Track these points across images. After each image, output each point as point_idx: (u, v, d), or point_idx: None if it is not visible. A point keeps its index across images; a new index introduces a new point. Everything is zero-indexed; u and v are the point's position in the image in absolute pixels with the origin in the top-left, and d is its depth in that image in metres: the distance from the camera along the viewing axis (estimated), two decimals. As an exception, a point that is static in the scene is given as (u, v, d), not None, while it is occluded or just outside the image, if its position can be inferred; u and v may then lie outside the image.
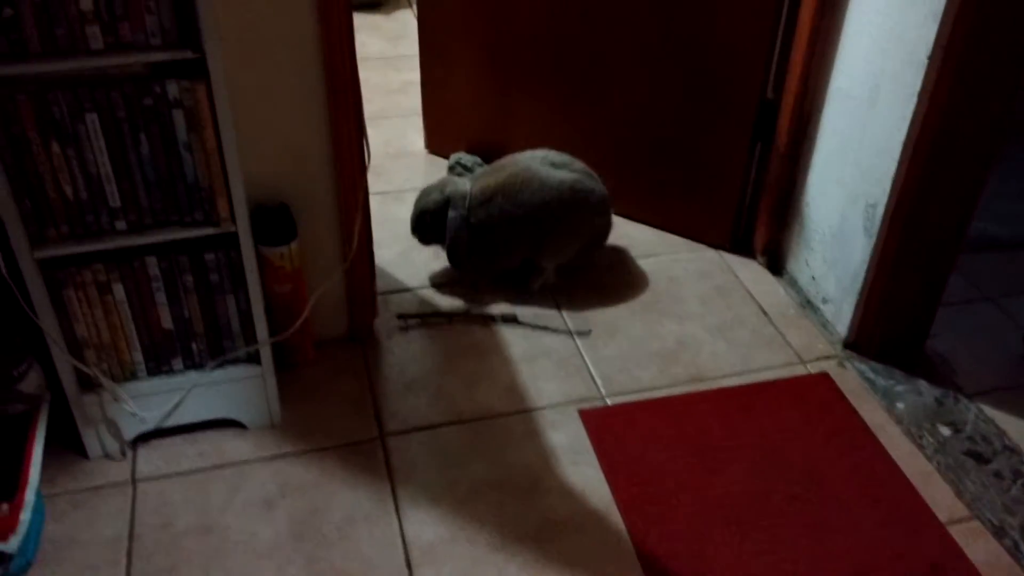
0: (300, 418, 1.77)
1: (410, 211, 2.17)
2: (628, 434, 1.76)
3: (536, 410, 1.82)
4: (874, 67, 1.80)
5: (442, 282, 2.18)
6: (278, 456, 1.69)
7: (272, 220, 1.70)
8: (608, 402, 1.84)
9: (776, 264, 2.25)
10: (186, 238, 1.49)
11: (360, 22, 3.20)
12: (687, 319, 2.08)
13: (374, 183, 2.31)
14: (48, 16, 1.25)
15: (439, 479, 1.66)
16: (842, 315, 2.00)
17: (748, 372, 1.93)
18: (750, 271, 2.25)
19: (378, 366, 1.92)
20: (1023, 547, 1.56)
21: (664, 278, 2.21)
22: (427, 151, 2.71)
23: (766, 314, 2.10)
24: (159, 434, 1.70)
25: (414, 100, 2.77)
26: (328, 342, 1.95)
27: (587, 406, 1.83)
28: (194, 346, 1.63)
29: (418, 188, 2.54)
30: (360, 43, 1.69)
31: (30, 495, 1.43)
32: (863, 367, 1.94)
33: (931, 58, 1.64)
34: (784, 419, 1.81)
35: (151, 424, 1.67)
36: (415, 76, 2.66)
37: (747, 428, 1.78)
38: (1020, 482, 1.68)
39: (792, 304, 2.14)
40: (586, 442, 1.74)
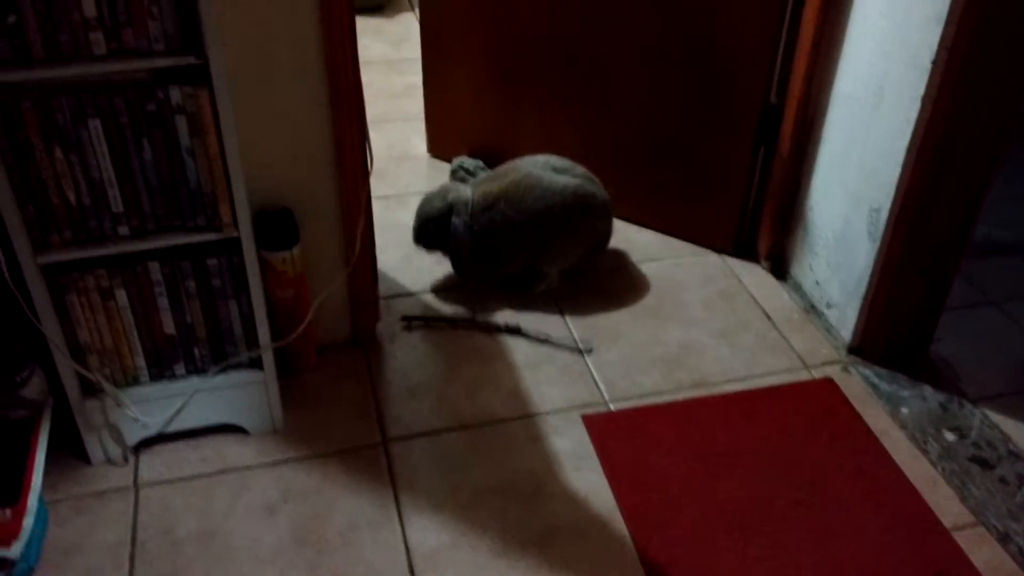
0: (302, 423, 1.77)
1: (412, 215, 2.16)
2: (631, 440, 1.76)
3: (539, 415, 1.81)
4: (878, 71, 1.80)
5: (445, 287, 2.18)
6: (280, 462, 1.69)
7: (275, 224, 1.70)
8: (611, 407, 1.84)
9: (780, 269, 2.24)
10: (188, 243, 1.49)
11: (363, 25, 3.19)
12: (690, 324, 2.07)
13: (376, 187, 2.30)
14: (52, 22, 1.25)
15: (442, 485, 1.66)
16: (846, 320, 2.00)
17: (752, 377, 1.93)
18: (754, 276, 2.24)
19: (381, 371, 1.91)
20: (1028, 553, 1.56)
21: (667, 283, 2.21)
22: (429, 155, 2.70)
23: (770, 319, 2.10)
24: (161, 439, 1.70)
25: (416, 104, 2.77)
26: (330, 347, 1.95)
27: (590, 411, 1.82)
28: (196, 351, 1.63)
29: (421, 192, 2.53)
30: (363, 46, 1.69)
31: (33, 501, 1.43)
32: (867, 372, 1.94)
33: (935, 62, 1.64)
34: (788, 424, 1.80)
35: (153, 429, 1.67)
36: (418, 79, 2.66)
37: (751, 433, 1.78)
38: (1025, 488, 1.68)
39: (796, 309, 2.13)
40: (589, 448, 1.74)
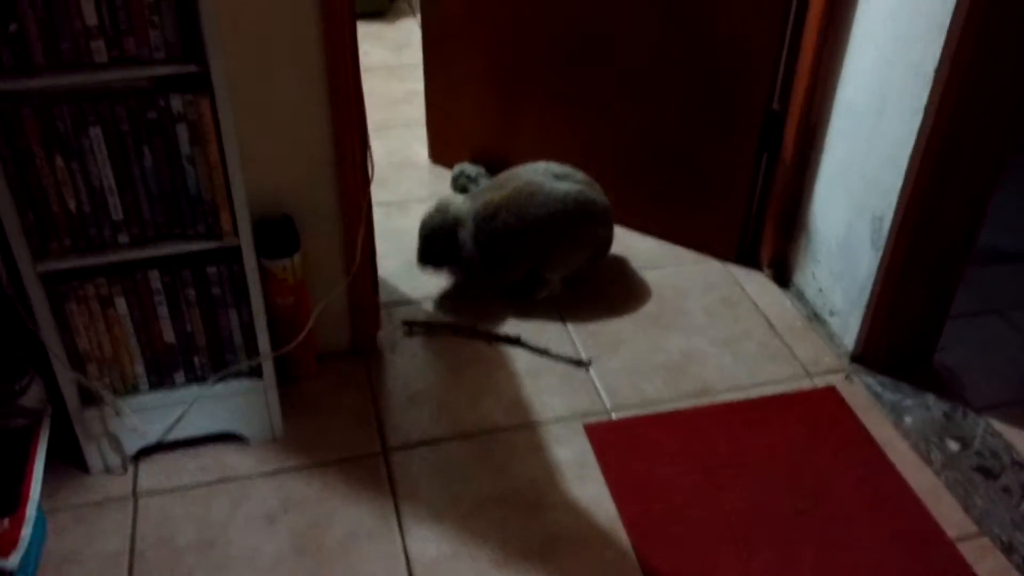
0: (302, 432, 1.76)
1: (413, 222, 2.15)
2: (634, 449, 1.75)
3: (541, 424, 1.80)
4: (881, 79, 1.79)
5: (446, 294, 2.17)
6: (280, 471, 1.68)
7: (275, 232, 1.70)
8: (613, 416, 1.83)
9: (783, 276, 2.24)
10: (189, 251, 1.49)
11: (364, 31, 3.19)
12: (693, 332, 2.07)
13: (377, 194, 2.29)
14: (53, 30, 1.25)
15: (442, 494, 1.65)
16: (849, 328, 1.99)
17: (754, 386, 1.92)
18: (756, 283, 2.23)
19: (381, 379, 1.91)
20: (1033, 565, 1.55)
21: (670, 290, 2.20)
22: (431, 161, 2.70)
23: (772, 327, 2.09)
24: (160, 448, 1.69)
25: (418, 110, 2.76)
26: (330, 355, 1.94)
27: (592, 420, 1.81)
28: (196, 360, 1.62)
29: (422, 199, 2.54)
30: (363, 52, 1.69)
31: (31, 510, 1.42)
32: (870, 380, 1.93)
33: (938, 70, 1.63)
34: (791, 434, 1.79)
35: (152, 438, 1.66)
36: (419, 86, 2.66)
37: (754, 443, 1.77)
38: (1029, 498, 1.67)
39: (799, 317, 2.12)
40: (591, 457, 1.73)
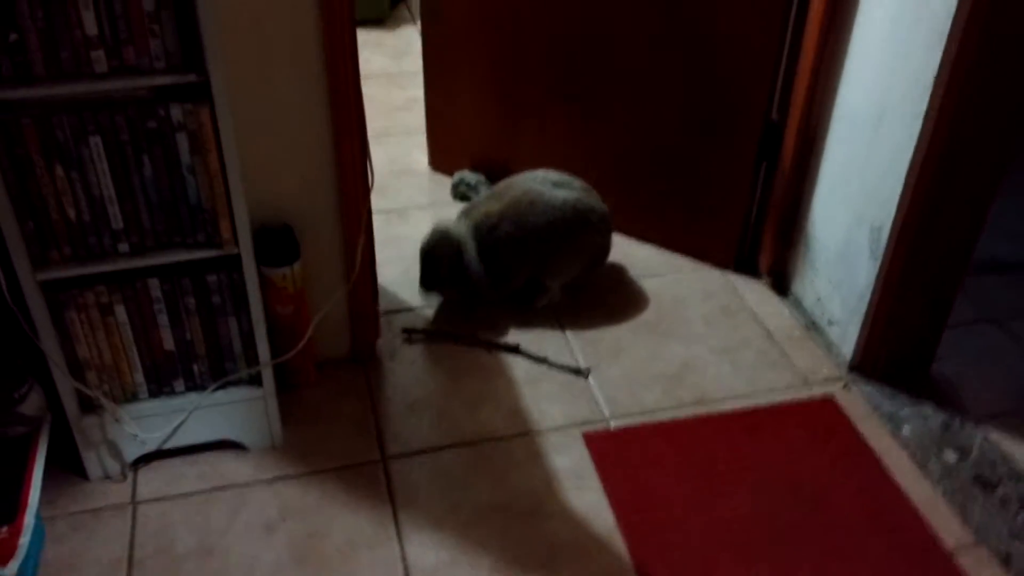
0: (301, 440, 1.76)
1: (414, 229, 2.15)
2: (632, 458, 1.75)
3: (539, 433, 1.80)
4: (880, 89, 1.80)
5: (445, 301, 2.17)
6: (279, 478, 1.68)
7: (275, 241, 1.70)
8: (612, 425, 1.83)
9: (781, 285, 2.24)
10: (188, 260, 1.49)
11: (363, 38, 3.20)
12: (692, 340, 2.07)
13: (377, 201, 2.29)
14: (53, 40, 1.25)
15: (441, 502, 1.65)
16: (847, 337, 1.99)
17: (753, 395, 1.92)
18: (755, 292, 2.24)
19: (380, 387, 1.91)
20: (1031, 575, 1.55)
21: (669, 298, 2.20)
22: (431, 169, 2.70)
23: (771, 335, 2.09)
24: (160, 455, 1.69)
25: (418, 117, 2.77)
26: (330, 363, 1.94)
27: (591, 429, 1.81)
28: (195, 368, 1.62)
29: (422, 206, 2.54)
30: (364, 59, 1.69)
31: (29, 518, 1.42)
32: (868, 390, 1.93)
33: (937, 79, 1.63)
34: (789, 443, 1.79)
35: (152, 446, 1.67)
36: (419, 93, 2.66)
37: (752, 452, 1.77)
38: (1028, 508, 1.67)
39: (797, 325, 2.12)
40: (590, 466, 1.73)
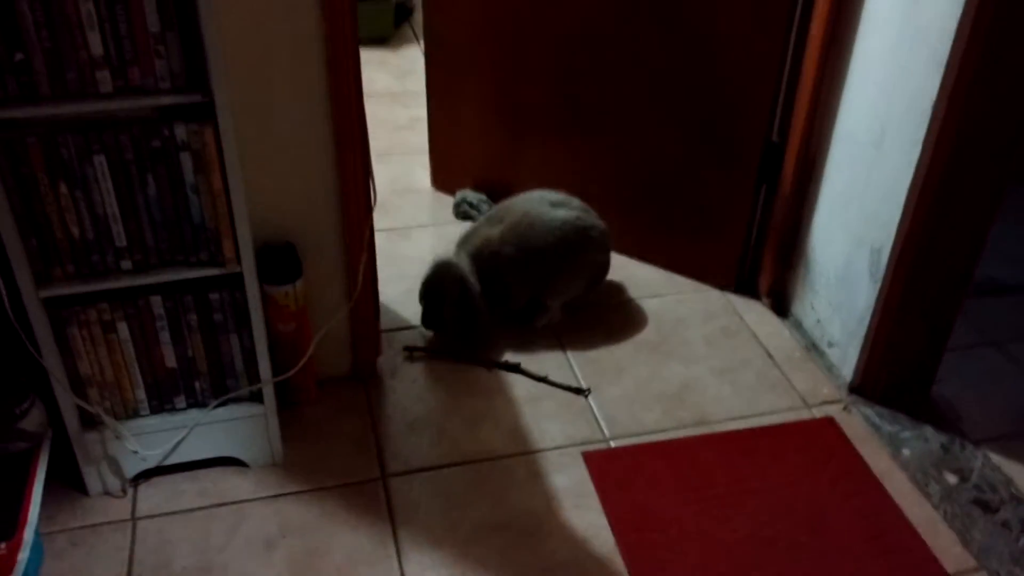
0: (302, 457, 1.76)
1: (416, 248, 2.15)
2: (632, 478, 1.75)
3: (539, 452, 1.80)
4: (879, 112, 1.81)
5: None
6: (279, 496, 1.68)
7: (277, 258, 1.71)
8: (612, 445, 1.83)
9: (781, 306, 2.24)
10: (191, 278, 1.50)
11: (367, 57, 3.22)
12: (692, 361, 2.07)
13: (379, 220, 2.31)
14: (59, 60, 1.26)
15: (440, 521, 1.65)
16: (847, 359, 1.99)
17: (753, 416, 1.92)
18: (755, 313, 2.24)
19: (381, 405, 1.91)
20: (1031, 600, 1.54)
21: (669, 319, 2.21)
22: (433, 188, 2.71)
23: (771, 357, 2.09)
24: (160, 472, 1.69)
25: (421, 137, 2.78)
26: (331, 380, 1.94)
27: (591, 448, 1.81)
28: (197, 385, 1.63)
29: (424, 225, 2.55)
30: (367, 79, 1.70)
31: (29, 534, 1.42)
32: (868, 412, 1.93)
33: (936, 105, 1.65)
34: (789, 464, 1.79)
35: (152, 462, 1.67)
36: (422, 112, 2.68)
37: (752, 473, 1.77)
38: (1028, 532, 1.66)
39: (797, 347, 2.13)
40: (589, 486, 1.73)
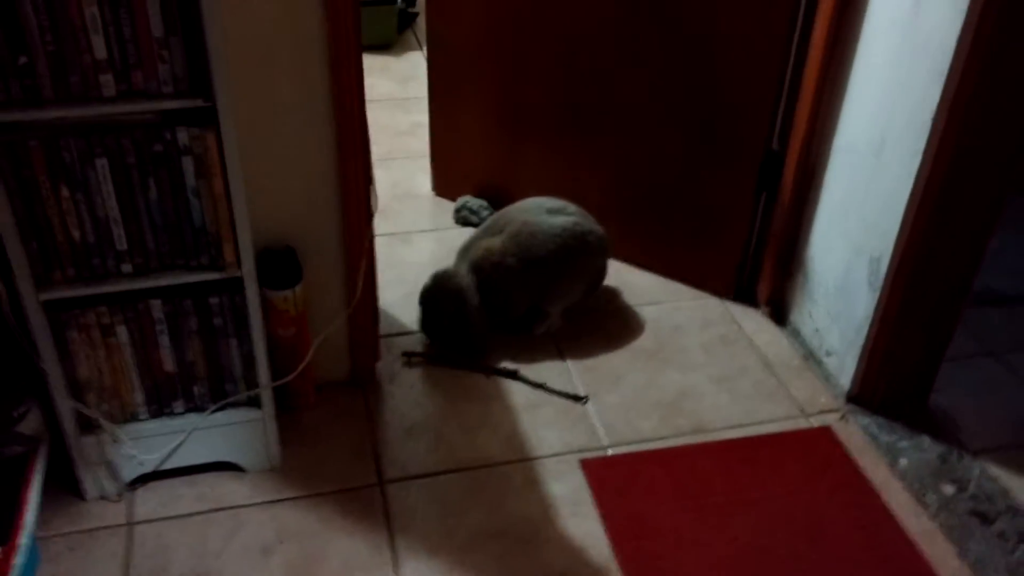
0: (299, 462, 1.76)
1: (416, 253, 2.15)
2: (629, 486, 1.75)
3: (537, 459, 1.80)
4: (880, 122, 1.81)
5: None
6: (276, 501, 1.68)
7: (277, 263, 1.71)
8: (609, 452, 1.83)
9: (780, 315, 2.25)
10: (191, 282, 1.50)
11: (370, 63, 3.22)
12: (690, 369, 2.07)
13: (380, 225, 2.31)
14: (62, 64, 1.27)
15: (437, 528, 1.65)
16: (845, 368, 1.99)
17: (750, 424, 1.92)
18: (753, 321, 2.24)
19: (379, 411, 1.91)
20: (1028, 611, 1.54)
21: (667, 326, 2.21)
22: (434, 194, 2.72)
23: (769, 365, 2.09)
24: (157, 476, 1.69)
25: (422, 142, 2.79)
26: (329, 385, 1.94)
27: (588, 456, 1.81)
28: (196, 389, 1.63)
29: (424, 230, 2.55)
30: (369, 85, 1.71)
31: (24, 539, 1.42)
32: (866, 421, 1.93)
33: (937, 116, 1.65)
34: (786, 473, 1.79)
35: (150, 466, 1.67)
36: (424, 118, 2.68)
37: (749, 482, 1.77)
38: (1025, 543, 1.66)
39: (795, 356, 2.13)
40: (587, 493, 1.73)
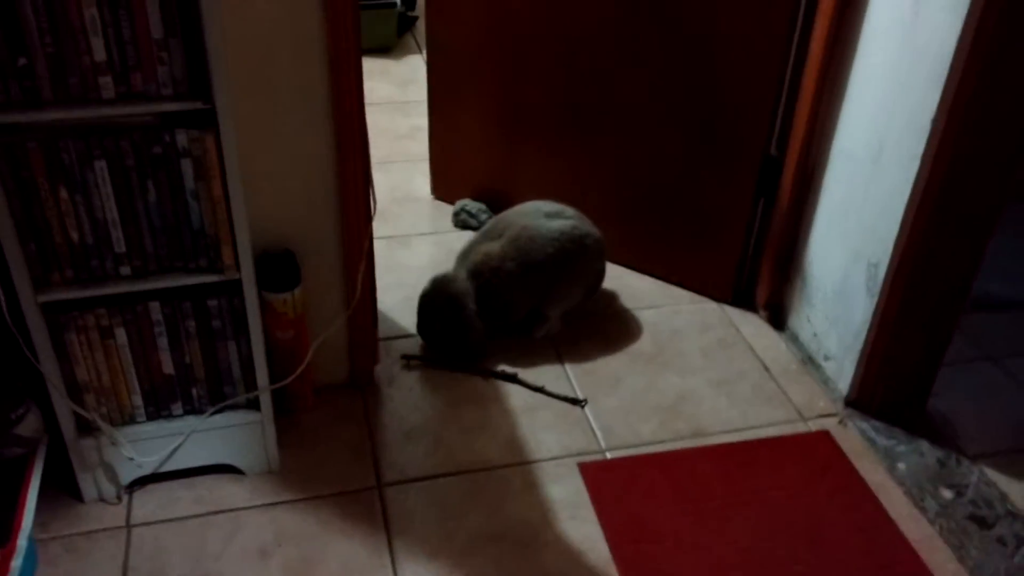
0: (298, 465, 1.76)
1: (415, 256, 2.15)
2: (628, 490, 1.75)
3: (535, 462, 1.80)
4: (878, 127, 1.82)
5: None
6: (275, 504, 1.68)
7: (276, 266, 1.71)
8: (608, 456, 1.83)
9: (778, 319, 2.25)
10: (190, 284, 1.50)
11: (369, 66, 3.23)
12: (688, 372, 2.07)
13: (379, 228, 2.31)
14: (61, 65, 1.27)
15: (436, 531, 1.65)
16: (844, 373, 1.99)
17: (749, 428, 1.92)
18: (752, 325, 2.24)
19: (378, 413, 1.91)
20: (1026, 616, 1.54)
21: (666, 330, 2.21)
22: (433, 197, 2.72)
23: (767, 369, 2.09)
24: (155, 479, 1.69)
25: (421, 145, 2.79)
26: (328, 388, 1.94)
27: (587, 459, 1.81)
28: (194, 391, 1.63)
29: (423, 233, 2.55)
30: (369, 88, 1.71)
31: (22, 541, 1.42)
32: (864, 426, 1.93)
33: (935, 122, 1.65)
34: (785, 477, 1.79)
35: (148, 469, 1.66)
36: (423, 121, 2.68)
37: (747, 486, 1.77)
38: None
39: (794, 360, 2.13)
40: (585, 497, 1.73)
